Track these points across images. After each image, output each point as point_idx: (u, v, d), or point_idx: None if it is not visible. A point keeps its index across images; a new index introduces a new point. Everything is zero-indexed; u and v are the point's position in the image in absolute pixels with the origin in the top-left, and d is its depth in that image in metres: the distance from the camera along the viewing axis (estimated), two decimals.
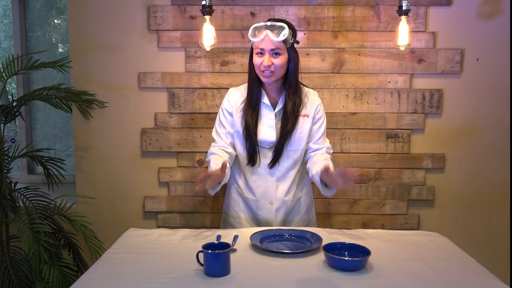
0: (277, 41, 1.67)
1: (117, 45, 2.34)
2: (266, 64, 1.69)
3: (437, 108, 2.34)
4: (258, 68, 1.73)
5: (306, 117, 1.81)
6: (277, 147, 1.78)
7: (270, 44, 1.68)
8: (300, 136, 1.80)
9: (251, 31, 1.71)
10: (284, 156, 1.81)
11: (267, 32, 1.67)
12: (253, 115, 1.78)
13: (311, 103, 1.82)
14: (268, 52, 1.69)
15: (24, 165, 2.68)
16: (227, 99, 1.87)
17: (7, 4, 2.66)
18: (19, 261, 2.09)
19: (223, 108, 1.87)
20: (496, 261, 2.41)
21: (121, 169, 2.43)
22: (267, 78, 1.72)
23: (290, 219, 1.89)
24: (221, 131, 1.87)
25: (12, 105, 2.23)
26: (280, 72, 1.73)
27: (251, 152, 1.80)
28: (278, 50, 1.69)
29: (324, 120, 1.86)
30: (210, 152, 1.84)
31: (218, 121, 1.89)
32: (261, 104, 1.80)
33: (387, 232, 1.75)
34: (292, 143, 1.80)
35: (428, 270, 1.37)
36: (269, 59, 1.69)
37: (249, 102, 1.80)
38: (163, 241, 1.63)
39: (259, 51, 1.71)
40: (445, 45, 2.31)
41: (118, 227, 2.08)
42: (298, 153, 1.83)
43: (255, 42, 1.71)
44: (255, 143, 1.79)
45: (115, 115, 2.39)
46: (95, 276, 1.34)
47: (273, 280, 1.29)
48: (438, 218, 2.42)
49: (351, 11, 2.29)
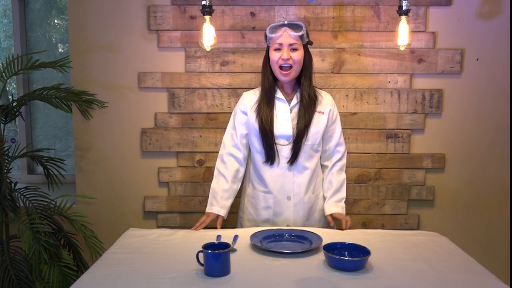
0: (295, 35, 1.74)
1: (117, 45, 2.34)
2: (285, 57, 1.74)
3: (437, 108, 2.34)
4: (276, 64, 1.77)
5: (322, 113, 1.86)
6: (295, 143, 1.82)
7: (288, 39, 1.75)
8: (317, 130, 1.85)
9: (269, 29, 1.78)
10: (302, 151, 1.84)
11: (285, 29, 1.75)
12: (268, 111, 1.82)
13: (325, 101, 1.89)
14: (287, 46, 1.75)
15: (24, 165, 2.68)
16: (241, 101, 1.93)
17: (7, 4, 2.66)
18: (19, 261, 2.09)
19: (237, 109, 1.92)
20: (496, 261, 2.41)
21: (121, 169, 2.43)
22: (286, 75, 1.77)
23: (310, 217, 1.91)
24: (234, 133, 1.90)
25: (12, 105, 2.23)
26: (298, 67, 1.79)
27: (268, 150, 1.83)
28: (296, 46, 1.76)
29: (339, 121, 1.95)
30: (218, 171, 1.89)
31: (231, 123, 1.93)
32: (276, 99, 1.85)
33: (387, 232, 1.75)
34: (309, 138, 1.83)
35: (428, 270, 1.37)
36: (288, 53, 1.75)
37: (264, 98, 1.84)
38: (163, 241, 1.63)
39: (277, 47, 1.77)
40: (445, 45, 2.31)
41: (118, 227, 2.09)
42: (315, 148, 1.87)
43: (273, 38, 1.76)
44: (272, 141, 1.82)
45: (115, 115, 2.39)
46: (95, 276, 1.34)
47: (273, 280, 1.29)
48: (438, 218, 2.42)
49: (351, 11, 2.29)
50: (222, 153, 1.92)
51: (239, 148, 1.89)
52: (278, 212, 1.87)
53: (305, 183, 1.87)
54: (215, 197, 1.85)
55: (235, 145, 1.89)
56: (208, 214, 1.82)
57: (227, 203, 1.85)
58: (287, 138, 1.82)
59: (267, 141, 1.81)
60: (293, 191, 1.86)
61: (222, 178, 1.86)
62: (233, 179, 1.87)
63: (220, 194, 1.84)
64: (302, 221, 1.88)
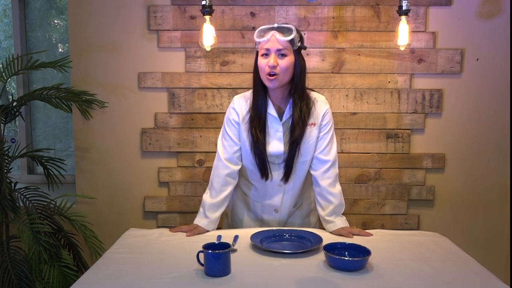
0: (283, 40, 1.60)
1: (117, 45, 2.34)
2: (271, 64, 1.59)
3: (437, 108, 2.34)
4: (263, 71, 1.63)
5: (313, 125, 1.73)
6: (288, 161, 1.72)
7: (276, 44, 1.60)
8: (308, 145, 1.73)
9: (257, 32, 1.64)
10: (294, 168, 1.74)
11: (273, 33, 1.60)
12: (260, 129, 1.70)
13: (318, 109, 1.74)
14: (274, 52, 1.61)
15: (24, 165, 2.68)
16: (232, 108, 1.77)
17: (7, 3, 2.66)
18: (19, 261, 2.09)
19: (229, 118, 1.77)
20: (496, 261, 2.42)
21: (121, 169, 2.43)
22: (272, 82, 1.62)
23: (291, 221, 1.90)
24: (226, 144, 1.77)
25: (12, 105, 2.23)
26: (285, 75, 1.64)
27: (262, 167, 1.74)
28: (284, 51, 1.61)
29: (331, 128, 1.76)
30: (211, 184, 1.79)
31: (224, 132, 1.79)
32: (268, 115, 1.72)
33: (387, 232, 1.75)
34: (300, 155, 1.72)
35: (428, 270, 1.37)
36: (275, 59, 1.60)
37: (255, 113, 1.71)
38: (163, 241, 1.63)
39: (264, 52, 1.62)
40: (445, 45, 2.31)
41: (118, 227, 2.09)
42: (307, 164, 1.76)
43: (260, 43, 1.63)
44: (266, 160, 1.72)
45: (115, 115, 2.39)
46: (95, 276, 1.34)
47: (273, 280, 1.29)
48: (438, 218, 2.42)
49: (351, 11, 2.29)
50: (218, 164, 1.78)
51: (233, 161, 1.78)
52: (264, 218, 1.88)
53: (294, 198, 1.83)
54: (204, 210, 1.77)
55: (229, 158, 1.77)
56: (196, 227, 1.75)
57: (216, 216, 1.77)
58: (279, 154, 1.73)
59: (260, 160, 1.72)
60: (282, 206, 1.83)
61: (214, 193, 1.78)
62: (225, 198, 1.78)
63: (207, 207, 1.77)
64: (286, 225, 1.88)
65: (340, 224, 1.71)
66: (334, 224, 1.71)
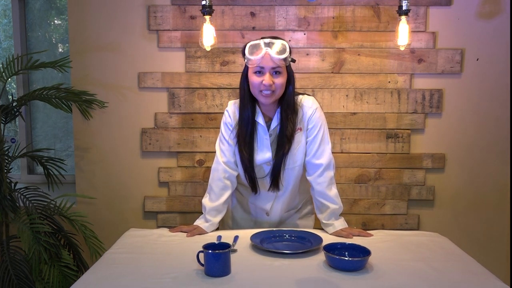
0: (278, 59, 1.57)
1: (117, 45, 2.34)
2: (267, 83, 1.57)
3: (437, 108, 2.34)
4: (256, 88, 1.61)
5: (299, 130, 1.70)
6: (274, 171, 1.71)
7: (270, 63, 1.57)
8: (295, 152, 1.71)
9: (249, 48, 1.59)
10: (282, 176, 1.73)
11: (267, 50, 1.57)
12: (246, 146, 1.69)
13: (304, 113, 1.71)
14: (269, 71, 1.58)
15: (24, 165, 2.68)
16: (227, 113, 1.76)
17: (7, 4, 2.66)
18: (19, 261, 2.09)
19: (225, 123, 1.76)
20: (496, 261, 2.41)
21: (121, 169, 2.43)
22: (266, 98, 1.61)
23: (288, 222, 1.90)
24: (224, 148, 1.77)
25: (12, 105, 2.23)
26: (280, 92, 1.63)
27: (251, 183, 1.75)
28: (279, 69, 1.59)
29: (320, 129, 1.71)
30: (210, 188, 1.79)
31: (221, 136, 1.78)
32: (256, 123, 1.70)
33: (387, 232, 1.75)
34: (287, 162, 1.71)
35: (428, 270, 1.37)
36: (270, 78, 1.58)
37: (241, 129, 1.70)
38: (163, 241, 1.63)
39: (258, 70, 1.59)
40: (445, 45, 2.31)
41: (118, 227, 2.09)
42: (296, 170, 1.75)
43: (252, 60, 1.58)
44: (254, 176, 1.73)
45: (115, 115, 2.39)
46: (95, 276, 1.34)
47: (273, 280, 1.29)
48: (438, 218, 2.42)
49: (351, 11, 2.29)
50: (217, 168, 1.78)
51: (232, 165, 1.77)
52: (257, 218, 1.89)
53: (286, 203, 1.83)
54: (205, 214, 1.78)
55: (228, 162, 1.76)
56: (196, 227, 1.75)
57: (216, 220, 1.77)
58: (268, 161, 1.72)
59: (249, 176, 1.73)
60: (272, 210, 1.83)
61: (213, 196, 1.79)
62: (225, 202, 1.78)
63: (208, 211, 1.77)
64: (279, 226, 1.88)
65: (339, 226, 1.71)
66: (333, 226, 1.72)
